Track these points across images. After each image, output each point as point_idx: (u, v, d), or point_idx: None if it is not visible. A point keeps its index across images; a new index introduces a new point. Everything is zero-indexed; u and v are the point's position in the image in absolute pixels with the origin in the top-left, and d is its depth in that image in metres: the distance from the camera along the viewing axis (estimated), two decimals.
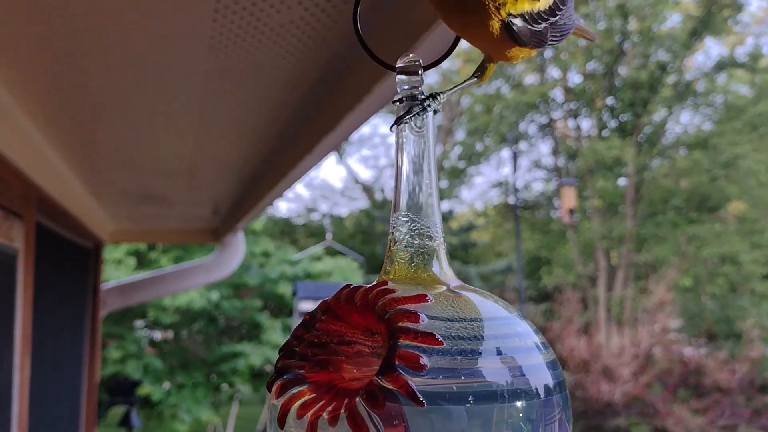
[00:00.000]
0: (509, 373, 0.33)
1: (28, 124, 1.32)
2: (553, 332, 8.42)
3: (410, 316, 0.33)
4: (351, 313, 0.37)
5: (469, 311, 0.35)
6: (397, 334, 0.33)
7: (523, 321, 0.37)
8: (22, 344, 1.48)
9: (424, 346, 0.32)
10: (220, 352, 7.26)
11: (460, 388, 0.32)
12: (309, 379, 0.36)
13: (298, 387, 0.35)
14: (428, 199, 0.39)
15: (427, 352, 0.32)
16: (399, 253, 0.38)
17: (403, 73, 0.41)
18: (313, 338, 0.38)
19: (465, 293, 0.37)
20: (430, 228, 0.38)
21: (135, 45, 0.98)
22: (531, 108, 11.36)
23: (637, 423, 7.55)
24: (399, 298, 0.34)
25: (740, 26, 10.57)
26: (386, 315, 0.34)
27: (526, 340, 0.35)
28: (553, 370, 0.36)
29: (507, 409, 0.32)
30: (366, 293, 0.36)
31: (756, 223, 10.36)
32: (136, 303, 3.72)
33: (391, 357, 0.32)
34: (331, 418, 0.33)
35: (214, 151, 1.65)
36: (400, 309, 0.34)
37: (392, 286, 0.36)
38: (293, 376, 0.36)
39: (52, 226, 1.99)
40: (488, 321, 0.35)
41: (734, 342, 8.90)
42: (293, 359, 0.37)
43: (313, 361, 0.37)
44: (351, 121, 1.09)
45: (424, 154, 0.39)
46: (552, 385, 0.35)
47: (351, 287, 0.37)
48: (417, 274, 0.38)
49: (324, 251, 9.85)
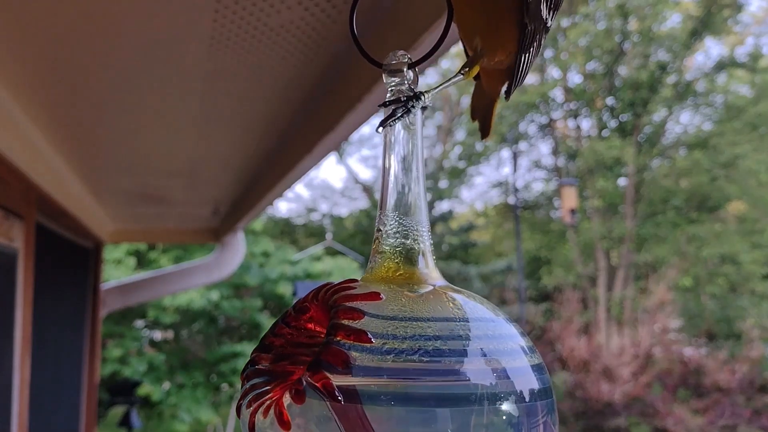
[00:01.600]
0: (491, 375, 0.32)
1: (28, 124, 1.32)
2: (553, 332, 8.42)
3: (351, 313, 0.33)
4: (317, 310, 0.37)
5: (432, 311, 0.34)
6: (333, 331, 0.33)
7: (509, 323, 0.36)
8: (22, 344, 1.48)
9: (356, 344, 0.32)
10: (220, 352, 7.27)
11: (425, 389, 0.31)
12: (273, 374, 0.36)
13: (259, 379, 0.36)
14: (416, 199, 0.38)
15: (360, 350, 0.32)
16: (380, 251, 0.38)
17: (391, 70, 0.40)
18: (287, 334, 0.38)
19: (449, 294, 0.36)
20: (413, 228, 0.38)
21: (135, 45, 0.98)
22: (531, 108, 11.36)
23: (637, 423, 7.55)
24: (350, 296, 0.34)
25: (740, 26, 10.57)
26: (332, 311, 0.34)
27: (509, 343, 0.34)
28: (538, 374, 0.34)
29: (485, 413, 0.31)
30: (327, 291, 0.36)
31: (756, 223, 10.36)
32: (136, 303, 3.72)
33: (319, 353, 0.32)
34: (265, 411, 0.33)
35: (214, 151, 1.65)
36: (344, 306, 0.34)
37: (359, 284, 0.36)
38: (258, 368, 0.37)
39: (52, 226, 1.99)
40: (472, 321, 0.34)
41: (734, 342, 8.90)
42: (264, 353, 0.38)
43: (283, 357, 0.37)
44: (351, 121, 1.09)
45: (412, 153, 0.39)
46: (536, 389, 0.33)
47: (322, 285, 0.37)
48: (390, 274, 0.37)
49: (324, 251, 9.86)
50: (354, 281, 0.36)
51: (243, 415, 0.35)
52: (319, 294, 0.37)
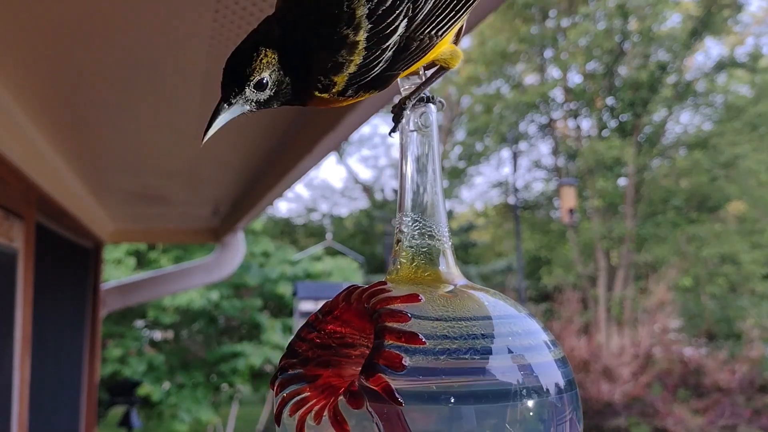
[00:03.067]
0: (518, 372, 0.33)
1: (29, 124, 1.32)
2: (553, 332, 8.33)
3: (397, 316, 0.33)
4: (349, 314, 0.37)
5: (470, 310, 0.34)
6: (382, 334, 0.33)
7: (532, 319, 0.37)
8: (22, 344, 1.48)
9: (407, 346, 0.32)
10: (220, 352, 7.26)
11: (462, 387, 0.31)
12: (307, 378, 0.36)
13: (295, 385, 0.36)
14: (433, 199, 0.39)
15: (413, 352, 0.32)
16: (402, 253, 0.38)
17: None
18: (315, 339, 0.38)
19: (472, 292, 0.37)
20: (434, 228, 0.38)
21: (135, 45, 0.98)
22: (531, 108, 11.36)
23: (637, 423, 7.55)
24: (389, 298, 0.34)
25: (740, 26, 10.57)
26: (374, 315, 0.34)
27: (535, 338, 0.35)
28: (562, 367, 0.35)
29: (516, 409, 0.32)
30: (361, 294, 0.36)
31: (756, 223, 10.36)
32: (136, 303, 3.72)
33: (372, 357, 0.32)
34: (316, 416, 0.33)
35: (214, 152, 1.65)
36: (387, 309, 0.34)
37: (390, 286, 0.36)
38: (292, 374, 0.36)
39: (52, 226, 1.99)
40: (496, 319, 0.35)
41: (734, 342, 8.90)
42: (295, 359, 0.37)
43: (313, 361, 0.37)
44: (351, 121, 1.09)
45: (428, 154, 0.39)
46: (562, 383, 0.34)
47: (351, 288, 0.37)
48: (418, 274, 0.37)
49: (324, 251, 9.86)
50: (384, 284, 0.36)
51: (286, 424, 0.34)
52: (351, 297, 0.37)
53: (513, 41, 10.96)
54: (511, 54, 11.15)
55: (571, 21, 10.66)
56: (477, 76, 11.81)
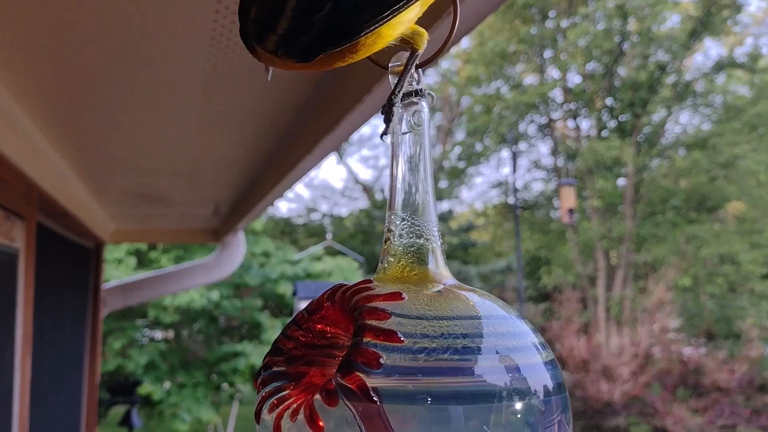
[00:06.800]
0: (503, 373, 0.32)
1: (29, 124, 1.33)
2: (553, 332, 8.42)
3: (377, 314, 0.33)
4: (334, 313, 0.37)
5: (454, 310, 0.34)
6: (361, 332, 0.32)
7: (521, 320, 0.36)
8: (23, 344, 1.48)
9: (385, 344, 0.31)
10: (221, 351, 7.27)
11: (441, 387, 0.31)
12: (290, 377, 0.36)
13: (277, 383, 0.36)
14: (424, 198, 0.38)
15: (391, 350, 0.31)
16: (391, 251, 0.38)
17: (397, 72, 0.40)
18: (301, 337, 0.38)
19: (459, 292, 0.36)
20: (423, 227, 0.38)
21: (136, 45, 0.98)
22: (530, 108, 11.37)
23: (637, 422, 7.56)
24: (371, 296, 0.34)
25: (739, 27, 10.58)
26: (355, 312, 0.34)
27: (523, 340, 0.34)
28: (552, 370, 0.34)
29: (501, 411, 0.31)
30: (344, 292, 0.36)
31: (755, 223, 10.37)
32: (136, 303, 3.72)
33: (350, 354, 0.32)
34: (293, 413, 0.32)
35: (214, 151, 1.66)
36: (368, 306, 0.33)
37: (377, 285, 0.36)
38: (275, 372, 0.36)
39: (53, 226, 2.00)
40: (481, 319, 0.34)
41: (733, 342, 8.90)
42: (279, 356, 0.37)
43: (297, 360, 0.37)
44: (351, 121, 1.09)
45: (419, 153, 0.39)
46: (551, 386, 0.34)
47: (336, 286, 0.37)
48: (405, 273, 0.37)
49: (324, 251, 9.86)
50: (369, 282, 0.36)
51: (265, 421, 0.34)
52: (335, 295, 0.36)
53: (512, 42, 10.96)
54: (510, 54, 11.15)
55: (571, 21, 10.66)
56: (477, 77, 11.81)
